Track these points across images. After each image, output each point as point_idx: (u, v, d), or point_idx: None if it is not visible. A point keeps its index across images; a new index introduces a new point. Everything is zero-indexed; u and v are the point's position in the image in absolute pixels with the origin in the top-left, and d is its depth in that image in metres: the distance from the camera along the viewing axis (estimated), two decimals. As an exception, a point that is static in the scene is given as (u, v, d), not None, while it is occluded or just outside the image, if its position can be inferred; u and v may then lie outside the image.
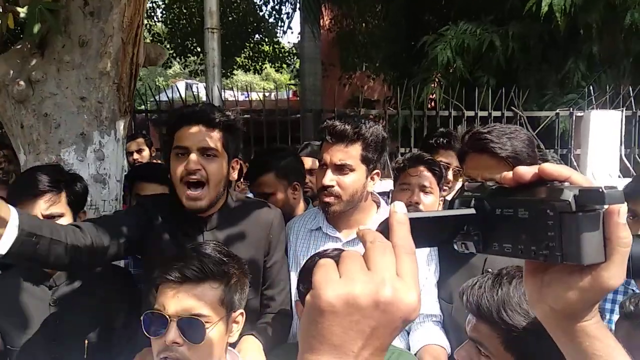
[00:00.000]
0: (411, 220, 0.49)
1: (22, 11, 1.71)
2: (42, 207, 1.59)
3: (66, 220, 1.63)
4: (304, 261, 1.63)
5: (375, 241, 0.48)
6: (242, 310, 1.29)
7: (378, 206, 1.70)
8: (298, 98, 14.67)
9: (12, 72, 1.78)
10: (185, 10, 13.02)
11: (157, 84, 26.73)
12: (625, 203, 0.47)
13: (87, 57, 1.82)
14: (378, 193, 3.56)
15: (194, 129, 1.44)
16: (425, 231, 0.52)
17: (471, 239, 0.54)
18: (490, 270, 1.47)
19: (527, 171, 0.51)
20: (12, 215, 1.12)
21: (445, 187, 2.17)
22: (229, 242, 1.53)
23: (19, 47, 1.84)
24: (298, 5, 7.11)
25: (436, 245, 0.55)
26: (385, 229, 0.50)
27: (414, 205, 2.01)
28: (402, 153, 5.20)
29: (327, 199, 1.55)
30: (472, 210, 0.54)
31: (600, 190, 0.45)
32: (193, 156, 1.43)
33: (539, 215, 0.47)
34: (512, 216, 0.50)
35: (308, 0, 6.72)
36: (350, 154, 1.52)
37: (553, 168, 0.50)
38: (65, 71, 1.81)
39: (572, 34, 5.68)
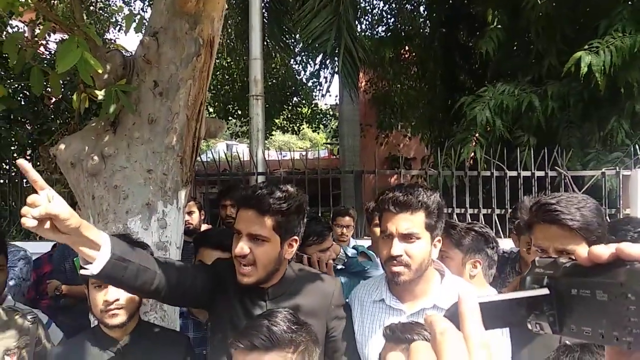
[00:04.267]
0: (482, 304, 0.49)
1: (100, 94, 1.87)
2: None
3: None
4: (370, 334, 1.65)
5: (446, 332, 0.45)
6: None
7: (442, 275, 1.69)
8: (334, 157, 14.93)
9: (86, 148, 1.93)
10: (227, 77, 13.68)
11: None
12: None
13: (155, 133, 1.96)
14: (354, 247, 3.51)
15: (247, 214, 1.56)
16: (496, 313, 0.51)
17: (546, 320, 0.52)
18: (568, 342, 1.45)
19: (603, 251, 0.48)
20: (104, 239, 1.26)
21: None
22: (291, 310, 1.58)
23: (93, 124, 2.00)
24: (336, 70, 7.36)
25: (509, 326, 0.54)
26: (453, 315, 0.49)
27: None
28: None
29: (396, 269, 1.56)
30: (545, 291, 0.52)
31: None
32: (242, 241, 1.54)
33: (619, 299, 0.45)
34: (590, 298, 0.48)
35: (346, 66, 6.98)
36: (416, 222, 1.54)
37: (632, 248, 0.46)
38: (135, 146, 1.95)
39: (613, 92, 5.68)
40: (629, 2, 5.78)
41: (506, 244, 3.21)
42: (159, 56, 1.96)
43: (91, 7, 11.09)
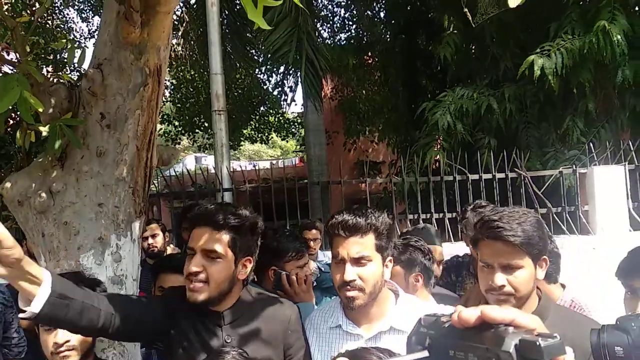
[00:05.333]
0: None
1: (44, 130, 1.84)
2: None
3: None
4: None
5: None
6: None
7: (397, 295, 1.69)
8: (304, 164, 14.96)
9: (34, 185, 1.90)
10: (192, 90, 13.56)
11: (167, 158, 27.46)
12: (569, 349, 0.47)
13: (104, 166, 1.93)
14: (327, 264, 3.52)
15: (202, 231, 1.55)
16: None
17: None
18: None
19: (470, 315, 0.50)
20: (45, 275, 1.21)
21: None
22: (246, 337, 1.59)
23: (40, 160, 1.96)
24: (299, 80, 7.39)
25: None
26: None
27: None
28: (411, 220, 5.26)
29: (350, 294, 1.55)
30: (425, 354, 0.54)
31: (538, 343, 0.44)
32: (196, 258, 1.54)
33: None
34: None
35: (309, 76, 7.01)
36: (366, 244, 1.55)
37: (495, 313, 0.49)
38: (84, 180, 1.92)
39: (567, 92, 5.86)
40: (579, 3, 5.99)
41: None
42: (104, 88, 1.93)
43: (47, 24, 10.87)
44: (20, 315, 1.24)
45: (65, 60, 9.56)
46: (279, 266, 2.21)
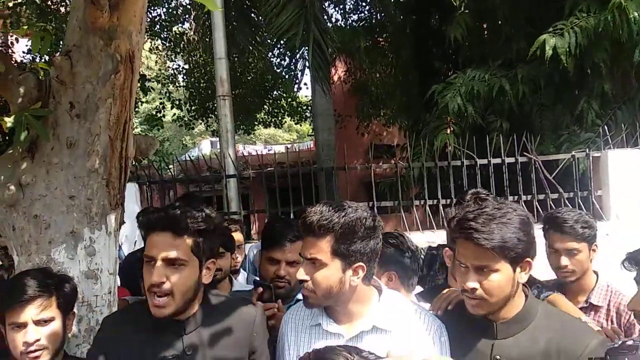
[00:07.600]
0: None
1: (9, 121, 1.78)
2: (32, 313, 1.60)
3: (57, 323, 1.64)
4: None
5: None
6: None
7: (380, 292, 1.57)
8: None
9: (2, 177, 1.85)
10: (205, 74, 13.48)
11: (184, 142, 27.63)
12: None
13: (75, 157, 1.87)
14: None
15: (161, 237, 1.45)
16: None
17: None
18: (498, 357, 1.42)
19: None
20: None
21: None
22: (211, 342, 1.51)
23: (10, 152, 1.91)
24: (307, 63, 7.25)
25: None
26: None
27: None
28: (417, 206, 5.13)
29: (303, 292, 1.49)
30: None
31: None
32: (158, 267, 1.43)
33: None
34: None
35: (316, 59, 6.87)
36: (320, 247, 1.43)
37: None
38: (55, 172, 1.86)
39: (582, 73, 5.62)
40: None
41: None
42: (73, 76, 1.86)
43: (59, 11, 10.86)
44: None
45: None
46: None
